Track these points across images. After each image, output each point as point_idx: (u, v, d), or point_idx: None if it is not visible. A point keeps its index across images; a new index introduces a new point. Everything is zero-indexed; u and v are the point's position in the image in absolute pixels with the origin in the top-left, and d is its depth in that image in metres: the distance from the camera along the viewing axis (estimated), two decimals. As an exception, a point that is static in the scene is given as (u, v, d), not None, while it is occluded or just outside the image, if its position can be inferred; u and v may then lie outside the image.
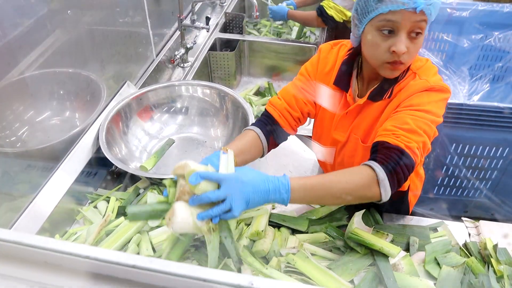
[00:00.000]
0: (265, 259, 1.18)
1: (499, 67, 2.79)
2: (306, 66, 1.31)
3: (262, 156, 1.25)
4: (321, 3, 2.31)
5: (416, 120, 1.04)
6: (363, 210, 1.30)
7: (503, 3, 2.65)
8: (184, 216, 0.91)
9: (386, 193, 0.99)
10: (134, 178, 1.49)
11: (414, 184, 1.44)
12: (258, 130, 1.23)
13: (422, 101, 1.07)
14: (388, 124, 1.07)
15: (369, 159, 1.04)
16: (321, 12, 2.29)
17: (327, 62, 1.27)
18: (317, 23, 2.36)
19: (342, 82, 1.22)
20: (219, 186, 0.93)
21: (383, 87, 1.15)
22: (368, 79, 1.20)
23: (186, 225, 0.91)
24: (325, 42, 1.54)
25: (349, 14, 2.27)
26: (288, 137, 1.34)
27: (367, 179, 0.99)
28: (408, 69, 1.13)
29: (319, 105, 1.30)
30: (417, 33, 1.03)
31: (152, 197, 1.32)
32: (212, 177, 0.93)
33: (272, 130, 1.26)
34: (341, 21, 2.30)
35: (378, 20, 1.03)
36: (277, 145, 1.32)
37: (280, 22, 2.95)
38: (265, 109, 1.30)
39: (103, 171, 1.49)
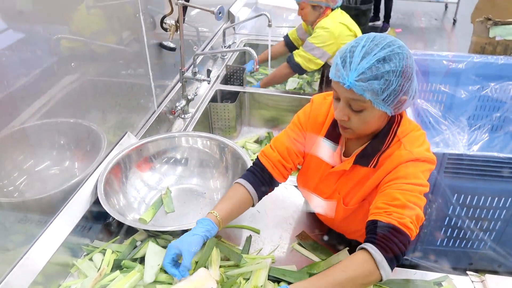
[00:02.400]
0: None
1: (497, 117, 2.82)
2: (298, 115, 1.34)
3: (253, 206, 1.31)
4: (293, 52, 2.42)
5: (405, 194, 1.05)
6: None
7: (498, 55, 2.72)
8: None
9: (386, 273, 1.01)
10: (132, 230, 1.46)
11: None
12: (249, 186, 1.27)
13: (408, 173, 1.08)
14: (379, 201, 1.07)
15: (365, 240, 1.05)
16: (290, 59, 2.40)
17: (319, 113, 1.28)
18: (286, 70, 2.44)
19: (332, 135, 1.24)
20: None
21: (367, 151, 1.16)
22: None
23: None
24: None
25: (321, 62, 2.33)
26: (279, 184, 1.36)
27: (367, 266, 1.00)
28: (394, 135, 1.14)
29: (307, 154, 1.32)
30: (359, 110, 1.05)
31: (152, 247, 1.29)
32: None
33: (263, 181, 1.30)
34: (308, 70, 2.37)
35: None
36: (267, 194, 1.34)
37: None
38: (258, 158, 1.33)
39: (100, 222, 1.47)
